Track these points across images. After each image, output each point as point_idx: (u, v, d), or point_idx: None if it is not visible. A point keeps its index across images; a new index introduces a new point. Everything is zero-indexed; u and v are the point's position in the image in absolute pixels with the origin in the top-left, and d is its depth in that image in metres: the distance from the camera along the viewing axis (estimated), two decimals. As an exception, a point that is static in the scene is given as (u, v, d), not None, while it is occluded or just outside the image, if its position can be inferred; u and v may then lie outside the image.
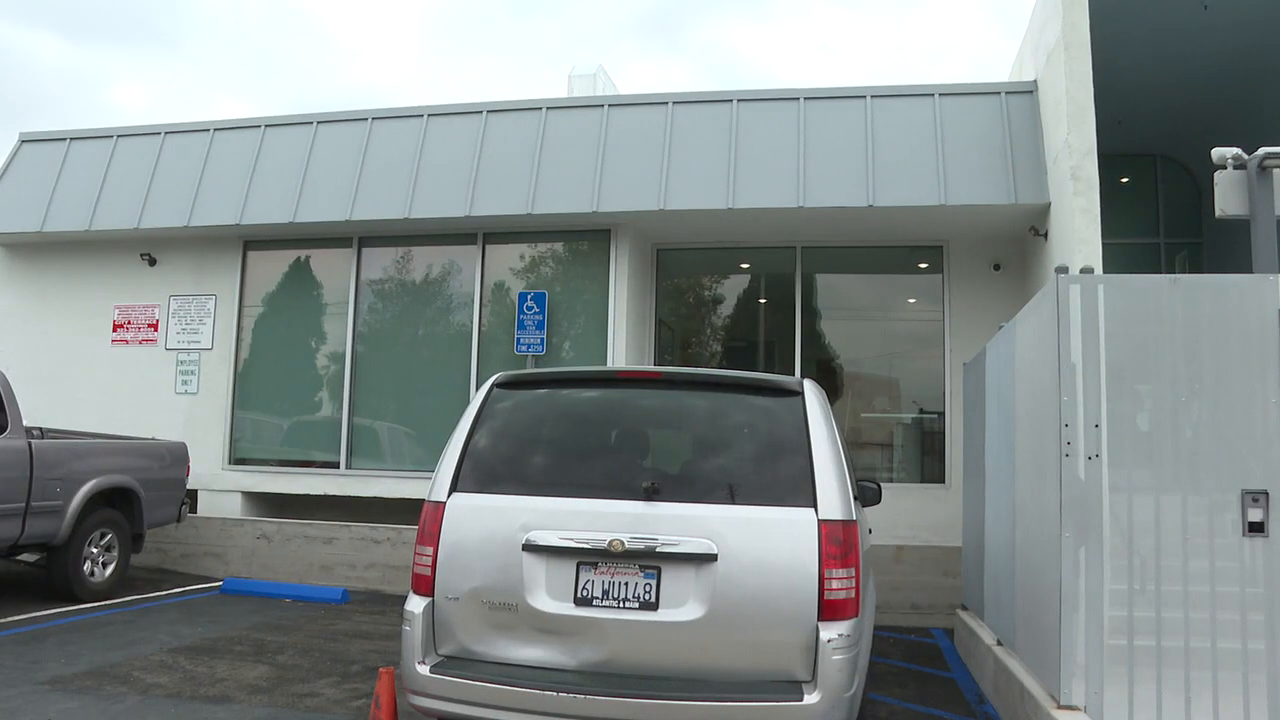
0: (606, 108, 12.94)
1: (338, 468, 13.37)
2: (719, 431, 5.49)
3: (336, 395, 13.56)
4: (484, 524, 5.12)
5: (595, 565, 4.95)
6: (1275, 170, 8.30)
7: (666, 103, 12.71)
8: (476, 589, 5.01)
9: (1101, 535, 5.65)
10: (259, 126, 13.97)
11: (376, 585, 12.21)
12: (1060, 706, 5.70)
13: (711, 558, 4.84)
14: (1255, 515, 5.43)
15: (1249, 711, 5.37)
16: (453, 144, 13.06)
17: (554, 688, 4.67)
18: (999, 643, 7.93)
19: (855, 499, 5.53)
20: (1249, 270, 7.90)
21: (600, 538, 4.92)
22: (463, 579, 5.05)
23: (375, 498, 13.14)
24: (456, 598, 5.03)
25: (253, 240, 14.12)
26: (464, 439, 5.39)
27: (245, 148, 13.84)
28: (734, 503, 5.02)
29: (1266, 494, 5.44)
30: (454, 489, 5.25)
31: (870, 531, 7.46)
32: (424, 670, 4.92)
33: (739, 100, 12.53)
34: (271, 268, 14.19)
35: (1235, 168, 8.37)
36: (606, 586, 4.92)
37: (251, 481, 13.63)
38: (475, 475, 5.29)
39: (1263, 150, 8.31)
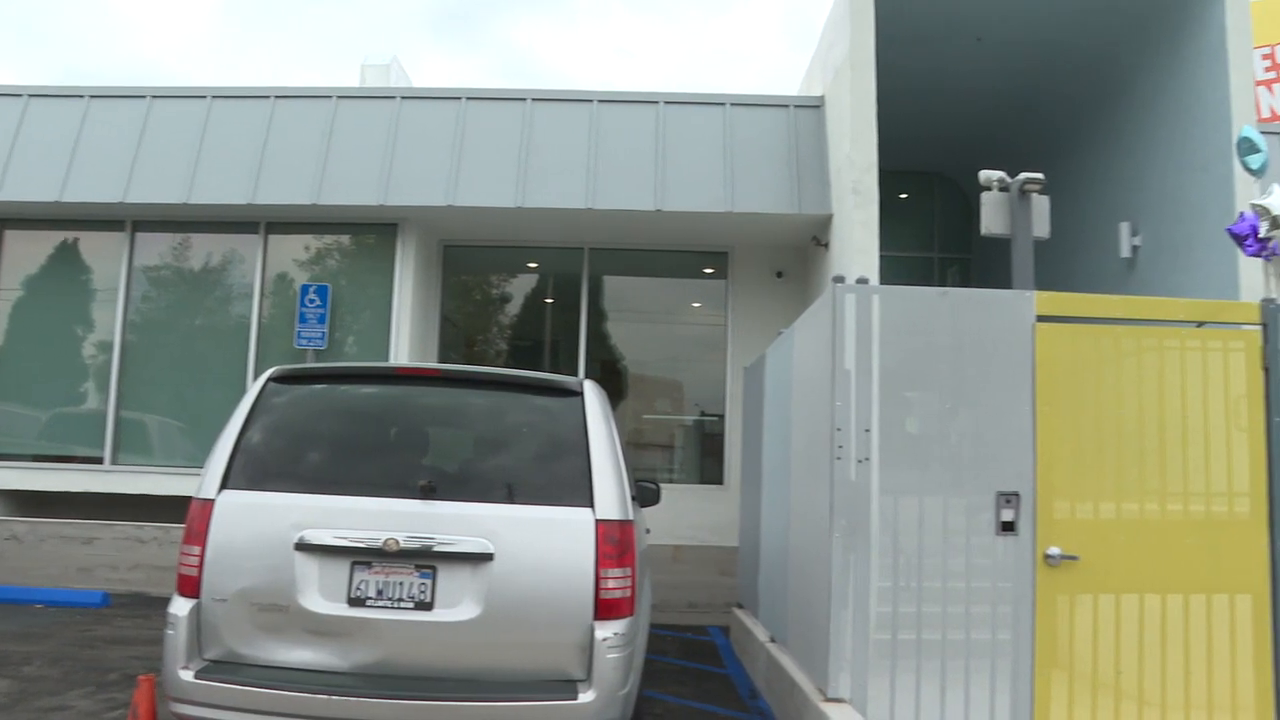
0: (399, 100, 12.70)
1: (102, 463, 12.66)
2: (498, 430, 5.46)
3: (103, 386, 12.84)
4: (255, 522, 4.95)
5: (370, 565, 4.85)
6: (1034, 194, 8.83)
7: (460, 98, 12.58)
8: (246, 590, 4.83)
9: (870, 535, 5.88)
10: (21, 96, 13.08)
11: (141, 587, 11.63)
12: (827, 699, 5.91)
13: (488, 557, 4.81)
14: (1008, 515, 5.77)
15: (994, 696, 5.71)
16: (238, 129, 12.56)
17: (325, 690, 4.56)
18: (772, 639, 8.14)
19: (633, 499, 5.59)
20: (1010, 286, 8.36)
21: (375, 537, 4.83)
22: (231, 579, 4.86)
23: (143, 495, 12.50)
24: (224, 599, 4.84)
25: (11, 219, 13.21)
26: (236, 434, 5.19)
27: (5, 119, 12.95)
28: (512, 502, 5.01)
29: (1018, 495, 5.78)
30: (224, 486, 5.05)
31: (648, 531, 7.55)
32: (187, 676, 4.70)
33: (533, 99, 12.51)
34: (33, 250, 13.28)
35: (1000, 190, 8.87)
36: (381, 586, 4.83)
37: (2, 478, 12.76)
38: (247, 472, 5.11)
39: (1024, 175, 8.83)
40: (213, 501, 5.00)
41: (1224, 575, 5.93)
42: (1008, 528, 5.78)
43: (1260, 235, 7.24)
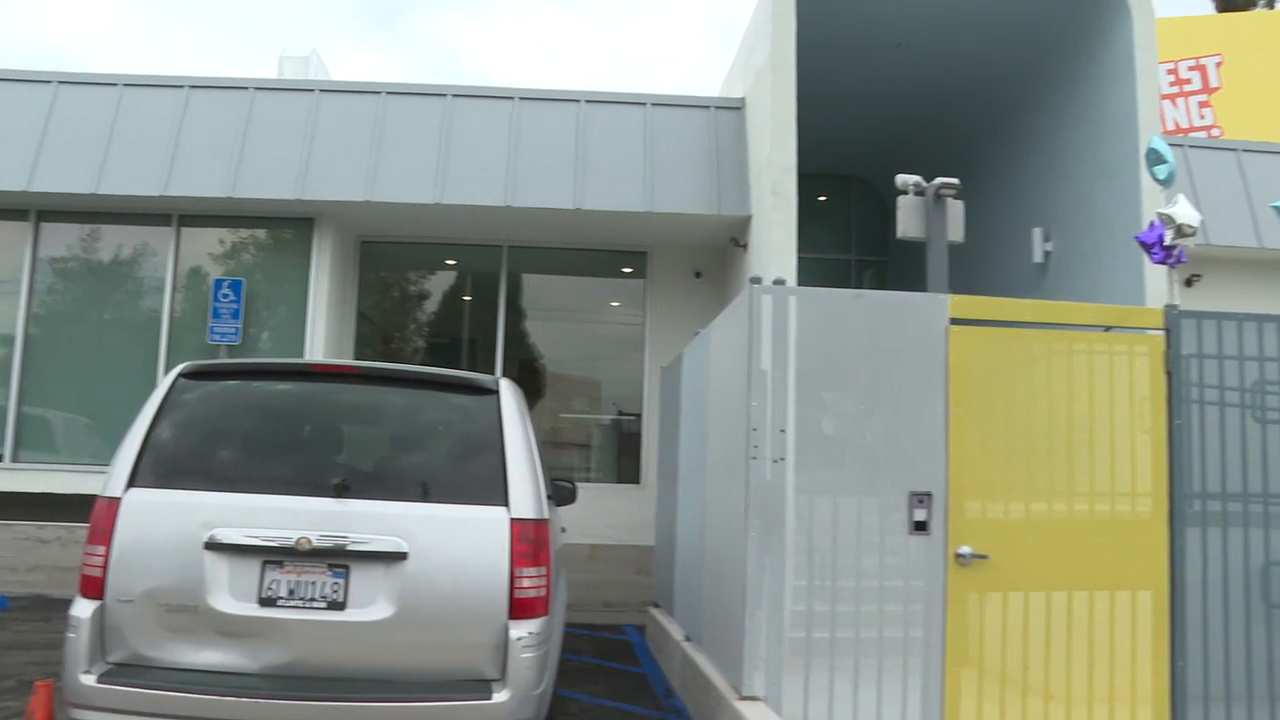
0: (318, 93, 12.52)
1: (1, 460, 12.31)
2: (413, 429, 5.43)
3: (4, 381, 12.47)
4: (163, 521, 4.85)
5: (281, 564, 4.78)
6: (949, 199, 8.98)
7: (380, 92, 12.43)
8: (153, 590, 4.73)
9: (784, 534, 5.93)
10: (-83, 81, 12.67)
11: (43, 589, 11.32)
12: (742, 698, 5.95)
13: (402, 556, 4.77)
14: (920, 515, 5.85)
15: (906, 693, 5.78)
16: (150, 118, 12.28)
17: (234, 692, 4.49)
18: (688, 638, 8.17)
19: (549, 498, 5.59)
20: (925, 289, 8.50)
21: (287, 535, 4.76)
22: (138, 580, 4.74)
23: (47, 494, 12.17)
24: (130, 600, 4.73)
25: (-97, 208, 12.78)
26: (144, 431, 5.08)
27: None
28: (426, 501, 4.97)
29: (931, 495, 5.87)
30: (131, 484, 4.93)
31: (564, 530, 7.54)
32: (89, 680, 4.58)
33: (453, 95, 12.42)
34: (-70, 239, 12.89)
35: (916, 194, 9.02)
36: (293, 586, 4.76)
37: (-106, 476, 12.33)
38: (156, 470, 4.99)
39: (939, 180, 8.98)
40: (119, 500, 4.89)
41: (1127, 572, 6.08)
42: (920, 527, 5.86)
43: (1165, 243, 7.43)
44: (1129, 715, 5.95)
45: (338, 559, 4.79)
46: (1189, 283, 12.07)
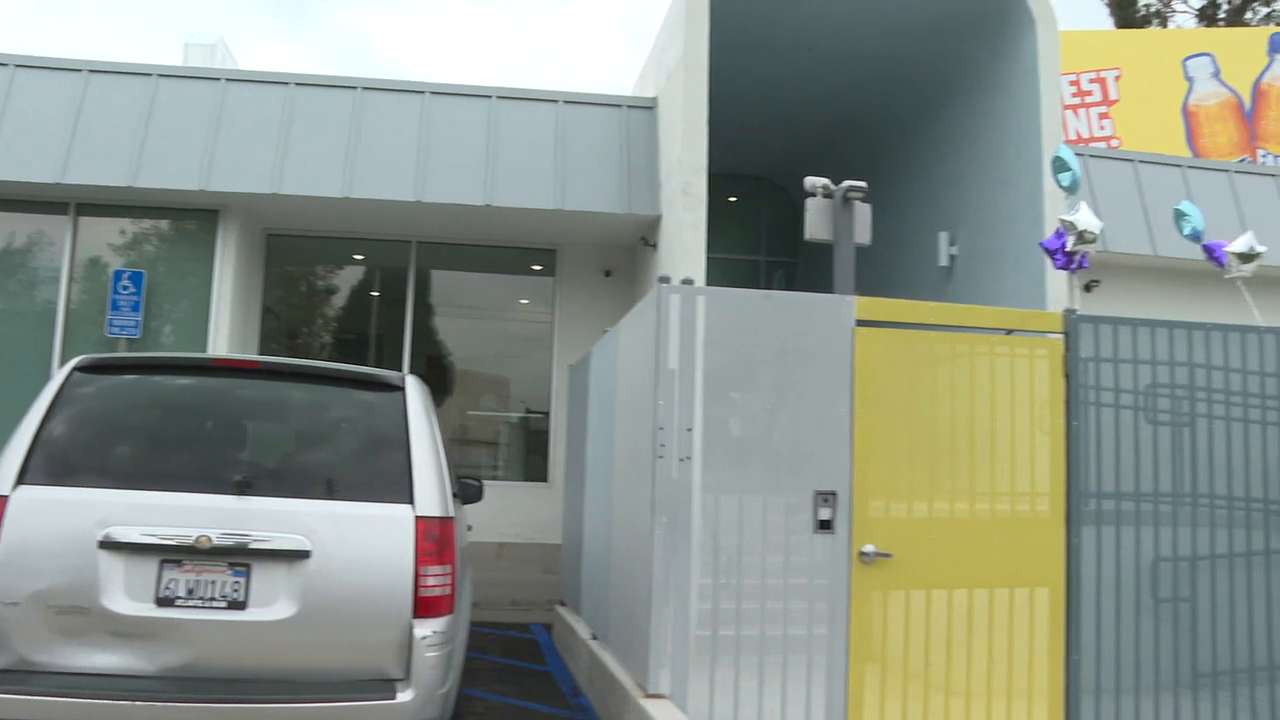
0: (224, 82, 12.25)
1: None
2: (318, 425, 5.36)
3: (-116, 375, 12.03)
4: (55, 520, 4.70)
5: (180, 563, 4.67)
6: (857, 201, 9.09)
7: (289, 83, 12.20)
8: (42, 592, 4.57)
9: (690, 533, 5.95)
10: None
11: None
12: (648, 695, 5.96)
13: (304, 554, 4.69)
14: (825, 514, 5.92)
15: (810, 690, 5.86)
16: (46, 103, 11.88)
17: (129, 696, 4.37)
18: (594, 637, 8.17)
19: (455, 496, 5.55)
20: (832, 290, 8.59)
21: (187, 534, 4.66)
22: (26, 581, 4.58)
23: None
24: (16, 603, 4.56)
25: None
26: (36, 427, 4.92)
27: None
28: (330, 498, 4.90)
29: (835, 494, 5.94)
30: (20, 481, 4.77)
31: (470, 529, 7.49)
32: None
33: (364, 88, 12.22)
34: None
35: (824, 196, 9.11)
36: (192, 585, 4.66)
37: None
38: (48, 467, 4.84)
39: (847, 183, 9.08)
40: (6, 498, 4.73)
41: (1025, 570, 6.23)
42: (825, 526, 5.93)
43: (1067, 249, 7.63)
44: (1026, 709, 6.10)
45: (239, 558, 4.70)
46: (1088, 288, 12.36)
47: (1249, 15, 40.36)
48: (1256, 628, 6.52)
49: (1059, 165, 7.90)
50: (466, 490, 6.79)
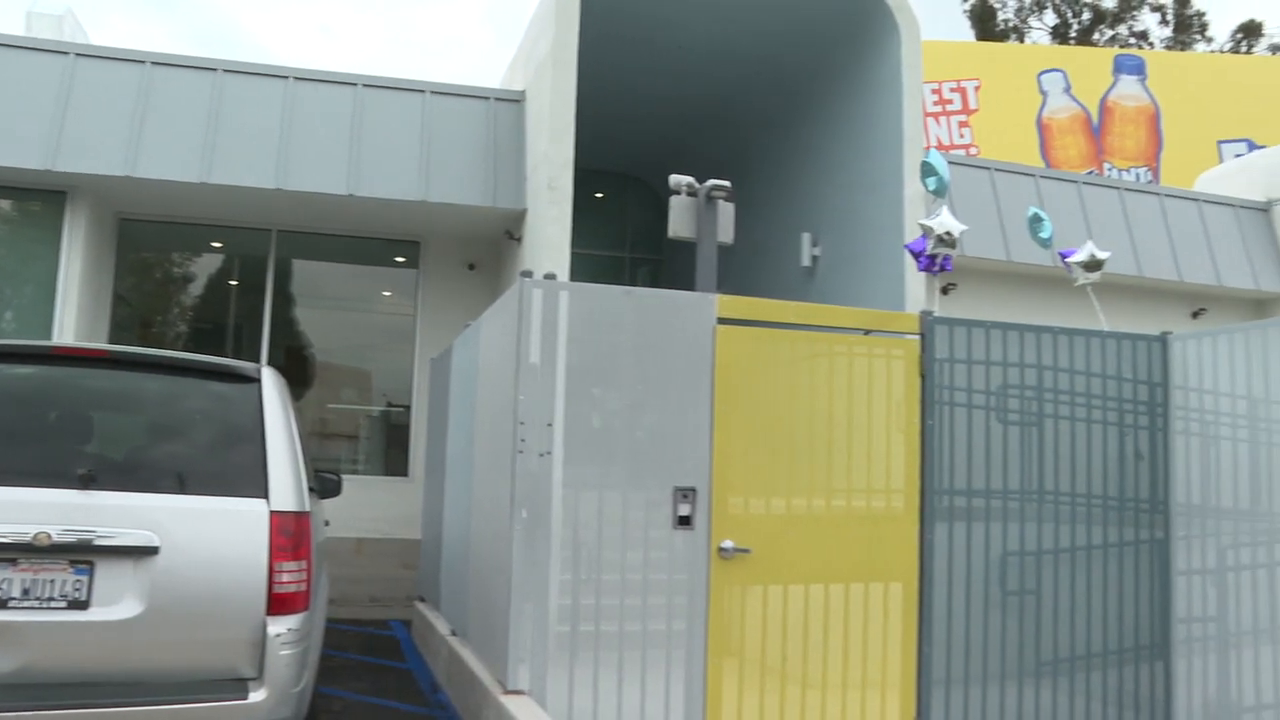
0: (74, 57, 11.73)
1: None
2: (169, 417, 5.18)
3: None
4: None
5: (15, 562, 4.45)
6: (721, 201, 9.20)
7: (145, 61, 11.74)
8: None
9: (550, 528, 5.94)
10: None
11: None
12: (507, 692, 5.92)
13: (152, 551, 4.53)
14: (684, 510, 5.97)
15: (669, 685, 5.91)
16: None
17: None
18: (454, 633, 8.10)
19: (312, 490, 5.43)
20: (695, 288, 8.67)
21: (24, 530, 4.45)
22: None
23: None
24: None
25: None
26: None
27: None
28: (181, 492, 4.74)
29: (695, 490, 5.99)
30: None
31: (327, 523, 7.35)
32: None
33: (224, 70, 11.85)
34: None
35: (688, 195, 9.19)
36: (28, 585, 4.45)
37: None
38: None
39: (711, 182, 9.19)
40: None
41: (880, 565, 6.38)
42: (684, 522, 5.98)
43: (928, 252, 7.84)
44: (879, 700, 6.25)
45: (81, 555, 4.52)
46: (945, 291, 12.70)
47: (1096, 36, 42.13)
48: (1094, 617, 6.83)
49: (927, 170, 8.11)
50: (324, 484, 6.67)
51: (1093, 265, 8.07)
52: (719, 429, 6.08)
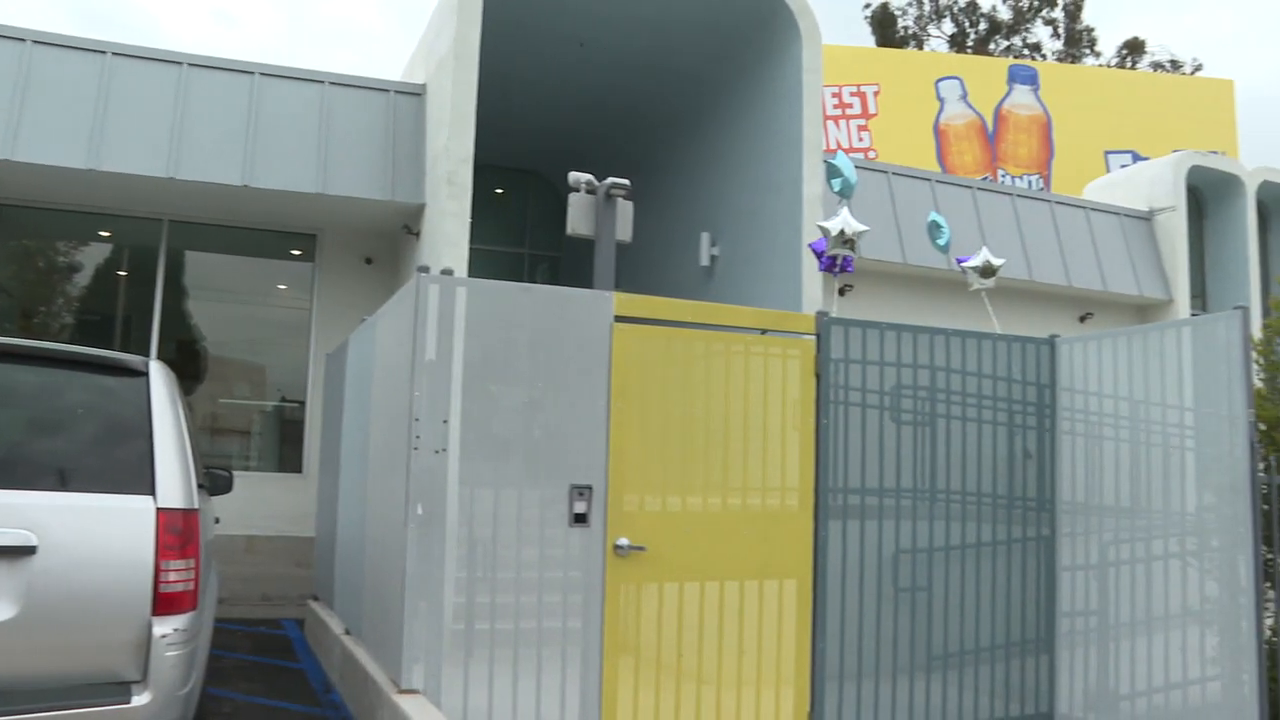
0: (-57, 32, 11.30)
1: None
2: (50, 411, 5.00)
3: None
4: None
5: None
6: (620, 199, 9.21)
7: (25, 40, 11.31)
8: None
9: (446, 526, 5.89)
10: None
11: None
12: (401, 691, 5.85)
13: (29, 550, 4.36)
14: (580, 507, 5.97)
15: (565, 682, 5.89)
16: None
17: None
18: (348, 632, 8.00)
19: (201, 487, 5.30)
20: (594, 286, 8.67)
21: None
22: None
23: None
24: None
25: None
26: None
27: None
28: (62, 489, 4.57)
29: (591, 488, 5.99)
30: None
31: (218, 521, 7.20)
32: None
33: (114, 54, 11.50)
34: None
35: (587, 192, 9.19)
36: None
37: None
38: None
39: (610, 180, 9.19)
40: None
41: (775, 563, 6.44)
42: (580, 519, 5.97)
43: (828, 253, 7.96)
44: (774, 695, 6.31)
45: None
46: (842, 292, 12.89)
47: (992, 46, 43.17)
48: (983, 612, 6.98)
49: (833, 171, 8.23)
50: (215, 481, 6.54)
51: (988, 271, 8.27)
52: (615, 427, 6.08)
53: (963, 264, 8.47)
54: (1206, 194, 17.25)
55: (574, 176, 9.19)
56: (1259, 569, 6.10)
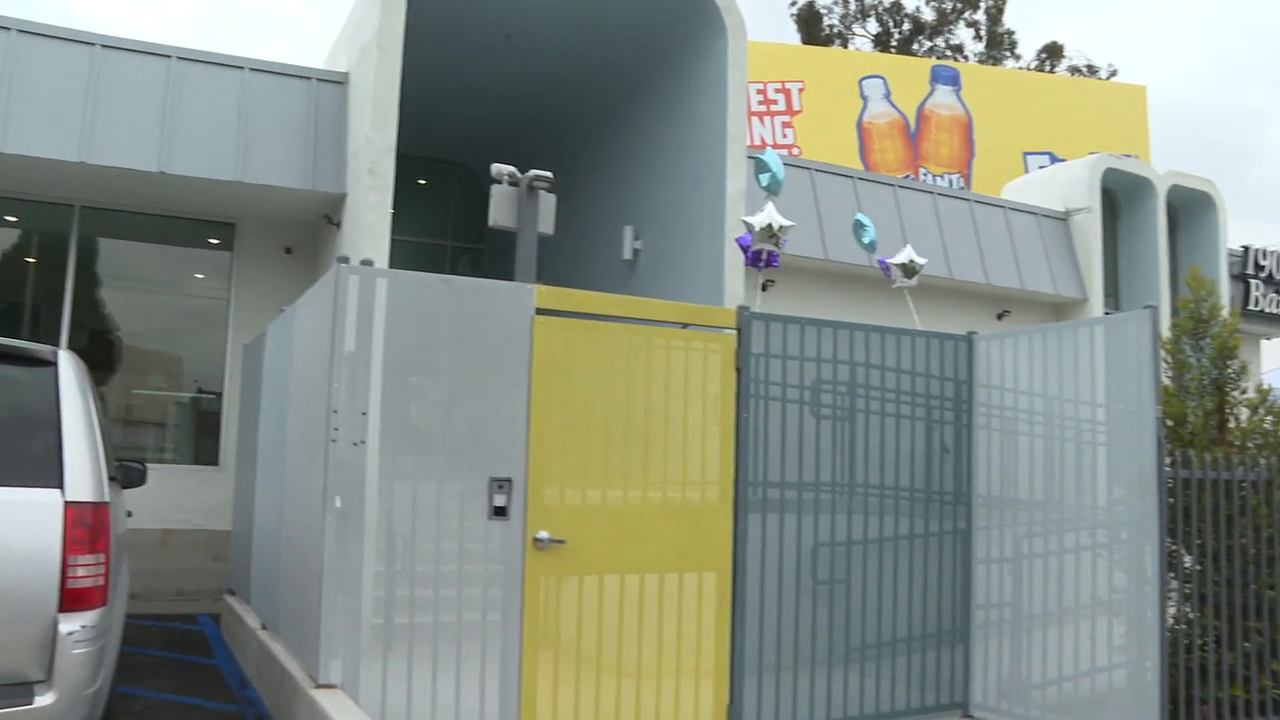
0: None
1: None
2: None
3: None
4: None
5: None
6: (542, 191, 9.19)
7: (-76, 18, 10.99)
8: None
9: (365, 519, 5.83)
10: None
11: None
12: (318, 686, 5.80)
13: None
14: (500, 500, 5.95)
15: (484, 676, 5.88)
16: None
17: None
18: (264, 626, 7.91)
19: (113, 480, 5.20)
20: (515, 279, 8.64)
21: None
22: None
23: None
24: None
25: None
26: None
27: None
28: None
29: (511, 481, 5.97)
30: None
31: (130, 514, 7.06)
32: None
33: (19, 31, 11.13)
34: None
35: (510, 184, 9.15)
36: None
37: None
38: None
39: (532, 172, 9.16)
40: None
41: (695, 556, 6.48)
42: (500, 512, 5.95)
43: (753, 247, 8.01)
44: (694, 688, 6.35)
45: None
46: (765, 288, 12.97)
47: (916, 46, 43.72)
48: (900, 604, 7.10)
49: (761, 166, 8.27)
50: (128, 474, 6.42)
51: (910, 270, 8.38)
52: (536, 420, 6.07)
53: (885, 264, 8.58)
54: (1120, 196, 17.62)
55: (496, 168, 9.15)
56: (1164, 560, 6.27)
